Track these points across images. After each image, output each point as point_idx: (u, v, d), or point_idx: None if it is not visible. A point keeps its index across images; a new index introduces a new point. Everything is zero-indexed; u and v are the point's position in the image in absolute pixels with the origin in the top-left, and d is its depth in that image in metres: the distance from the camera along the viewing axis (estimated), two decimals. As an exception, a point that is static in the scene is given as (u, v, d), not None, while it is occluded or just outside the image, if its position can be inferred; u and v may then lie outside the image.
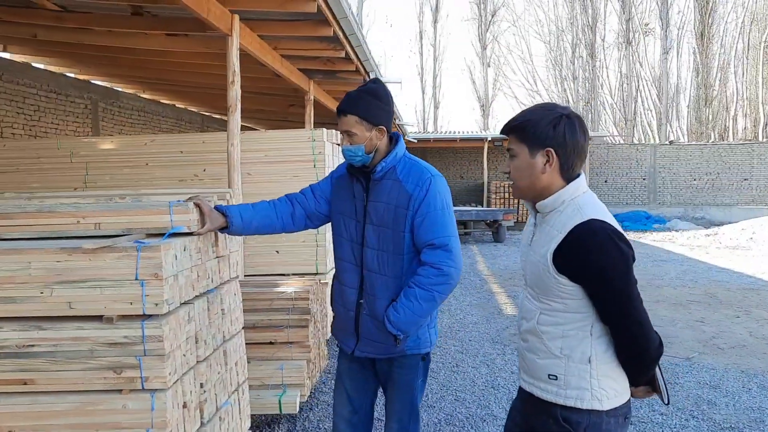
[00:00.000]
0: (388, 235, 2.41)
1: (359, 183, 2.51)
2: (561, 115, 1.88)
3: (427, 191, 2.38)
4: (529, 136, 1.89)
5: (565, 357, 1.87)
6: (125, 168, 5.63)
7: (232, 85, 4.80)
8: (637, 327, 1.79)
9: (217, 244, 2.68)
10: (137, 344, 2.09)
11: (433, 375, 5.29)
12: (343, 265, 2.55)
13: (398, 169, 2.45)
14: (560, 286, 1.84)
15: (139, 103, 12.10)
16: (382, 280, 2.42)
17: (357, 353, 2.52)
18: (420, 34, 38.59)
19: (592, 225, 1.79)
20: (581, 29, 34.48)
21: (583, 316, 1.85)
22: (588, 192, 1.92)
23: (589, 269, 1.78)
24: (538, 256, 1.89)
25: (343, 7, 5.01)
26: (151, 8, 5.42)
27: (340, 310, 2.57)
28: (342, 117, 2.44)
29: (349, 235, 2.51)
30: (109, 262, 2.10)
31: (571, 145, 1.87)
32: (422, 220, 2.37)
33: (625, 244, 1.79)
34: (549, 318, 1.89)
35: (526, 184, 1.94)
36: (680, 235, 18.24)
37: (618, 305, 1.78)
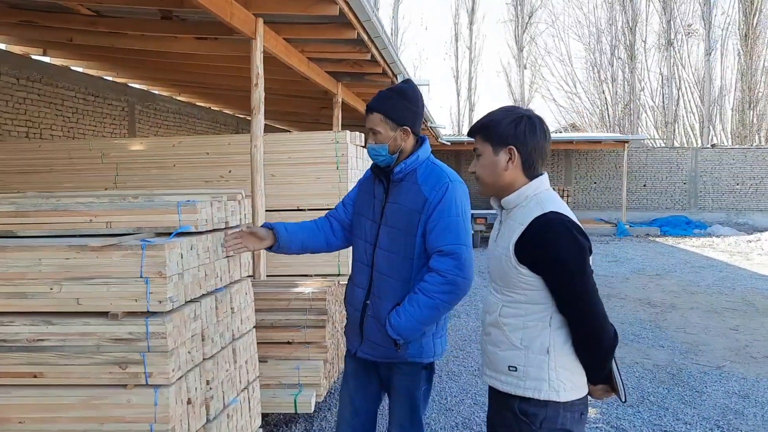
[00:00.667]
0: (400, 237, 2.39)
1: (381, 184, 2.52)
2: (522, 116, 1.98)
3: (443, 196, 2.36)
4: (492, 135, 1.99)
5: (525, 348, 1.91)
6: (153, 169, 5.75)
7: (256, 88, 4.87)
8: (591, 317, 1.84)
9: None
10: (141, 340, 2.14)
11: (454, 378, 5.27)
12: (357, 265, 2.56)
13: (419, 172, 2.44)
14: (521, 277, 1.89)
15: (175, 105, 12.35)
16: (390, 283, 2.41)
17: (360, 354, 2.51)
18: (455, 36, 38.41)
19: (549, 217, 1.87)
20: (621, 30, 33.87)
21: (543, 307, 1.90)
22: (550, 190, 2.00)
23: (547, 258, 1.84)
24: (501, 249, 1.96)
25: (366, 10, 5.03)
26: (180, 13, 5.53)
27: (349, 309, 2.58)
28: (369, 114, 2.47)
29: (364, 235, 2.52)
30: (116, 260, 2.15)
31: (531, 143, 1.96)
32: (434, 226, 2.33)
33: (581, 236, 1.86)
34: (510, 310, 1.95)
35: (490, 181, 2.02)
36: (721, 240, 17.75)
37: (572, 294, 1.84)
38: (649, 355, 6.07)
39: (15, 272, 2.18)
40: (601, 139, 21.00)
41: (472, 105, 38.53)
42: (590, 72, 35.35)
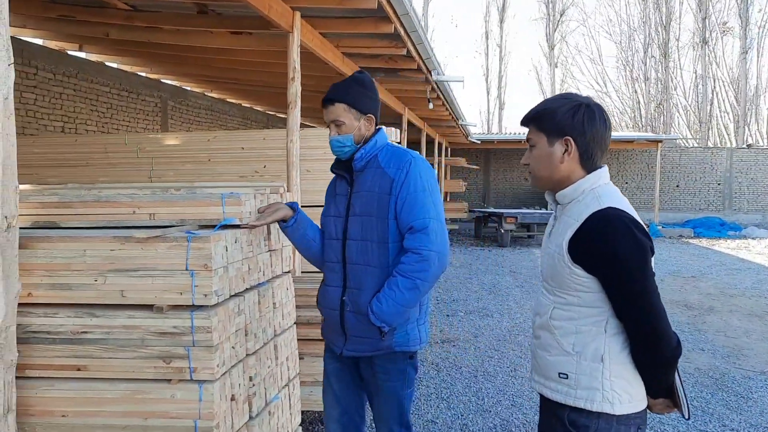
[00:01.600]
0: (373, 223, 2.32)
1: (343, 179, 2.45)
2: (580, 104, 1.83)
3: (407, 173, 2.30)
4: (547, 125, 1.85)
5: (577, 354, 1.78)
6: (188, 164, 5.74)
7: (293, 82, 4.82)
8: (653, 322, 1.69)
9: (269, 238, 2.67)
10: (186, 335, 2.09)
11: (490, 378, 5.17)
12: (328, 266, 2.46)
13: (380, 156, 2.38)
14: (575, 278, 1.76)
15: (206, 101, 12.41)
16: (368, 272, 2.32)
17: (346, 353, 2.39)
18: (486, 34, 38.14)
19: (608, 213, 1.73)
20: (654, 28, 33.28)
21: (598, 311, 1.77)
22: (610, 184, 1.86)
23: (604, 259, 1.70)
24: (554, 247, 1.84)
25: (404, 4, 4.95)
26: (216, 6, 5.51)
27: (325, 311, 2.47)
28: (329, 106, 2.38)
29: (330, 234, 2.44)
30: (160, 252, 2.10)
31: (590, 133, 1.81)
32: (403, 203, 2.27)
33: (643, 234, 1.71)
34: (563, 312, 1.82)
35: (545, 174, 1.89)
36: (757, 243, 17.31)
37: (632, 298, 1.70)
38: (689, 358, 5.89)
39: (59, 263, 2.15)
40: (634, 138, 20.61)
41: (502, 104, 38.24)
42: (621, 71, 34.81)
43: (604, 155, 1.87)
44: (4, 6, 1.93)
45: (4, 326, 1.93)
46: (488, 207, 20.65)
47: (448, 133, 17.05)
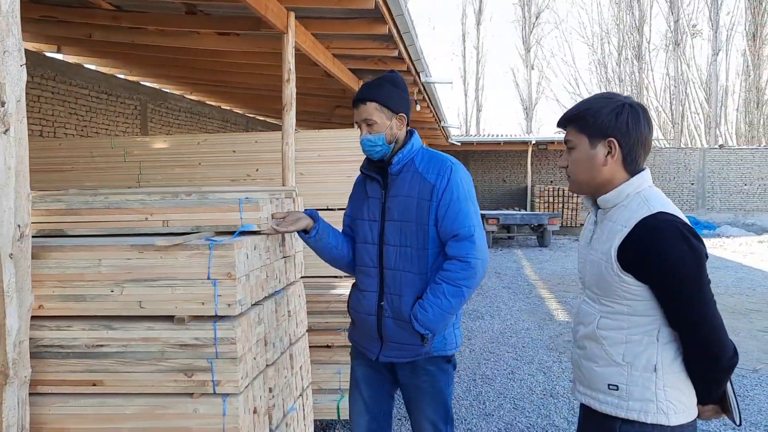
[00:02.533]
0: (412, 229, 2.28)
1: (374, 181, 2.39)
2: (623, 104, 1.77)
3: (448, 180, 2.27)
4: (589, 125, 1.78)
5: (628, 365, 1.72)
6: (177, 167, 5.60)
7: (288, 84, 4.73)
8: (710, 331, 1.63)
9: (284, 244, 2.59)
10: (209, 346, 2.00)
11: (488, 382, 5.13)
12: (362, 270, 2.41)
13: (417, 160, 2.34)
14: (624, 286, 1.70)
15: (186, 104, 12.22)
16: (408, 278, 2.29)
17: (382, 358, 2.36)
18: (463, 36, 38.33)
19: (660, 218, 1.66)
20: (628, 31, 33.76)
21: (650, 320, 1.70)
22: (653, 187, 1.79)
23: (657, 266, 1.64)
24: (599, 254, 1.76)
25: (399, 4, 4.90)
26: (205, 7, 5.39)
27: (359, 316, 2.42)
28: (360, 105, 2.33)
29: (365, 237, 2.39)
30: (181, 261, 2.02)
31: (635, 135, 1.75)
32: (446, 211, 2.25)
33: (697, 240, 1.64)
34: (610, 322, 1.75)
35: (585, 178, 1.82)
36: (731, 241, 17.62)
37: (689, 307, 1.63)
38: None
39: (73, 273, 2.05)
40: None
41: (480, 105, 38.41)
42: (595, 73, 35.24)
43: (646, 157, 1.81)
44: (16, 4, 1.82)
45: (18, 341, 1.82)
46: (468, 208, 20.66)
47: (429, 135, 17.04)
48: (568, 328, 7.13)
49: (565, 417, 4.37)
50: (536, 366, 5.60)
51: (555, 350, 6.16)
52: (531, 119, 36.84)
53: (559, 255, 14.72)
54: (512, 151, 22.56)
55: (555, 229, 16.63)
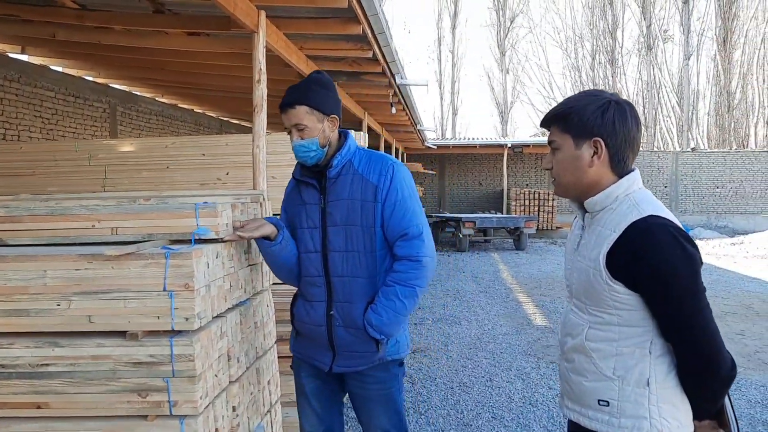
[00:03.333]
0: (358, 233, 2.20)
1: (310, 186, 2.28)
2: (609, 101, 1.66)
3: (392, 179, 2.21)
4: (573, 125, 1.67)
5: (619, 379, 1.61)
6: (144, 171, 5.41)
7: (258, 84, 4.58)
8: (707, 343, 1.53)
9: (250, 251, 2.44)
10: (165, 364, 1.85)
11: (466, 390, 5.02)
12: (308, 281, 2.29)
13: (355, 161, 2.26)
14: (614, 295, 1.59)
15: (157, 107, 11.96)
16: (357, 284, 2.20)
17: (336, 369, 2.26)
18: (438, 40, 38.37)
19: (651, 222, 1.56)
20: (601, 35, 34.11)
21: (642, 331, 1.59)
22: (644, 189, 1.68)
23: (649, 273, 1.53)
24: (587, 261, 1.65)
25: (374, 3, 4.78)
26: (173, 6, 5.22)
27: (306, 328, 2.30)
28: (289, 110, 2.20)
29: (306, 246, 2.27)
30: (134, 271, 1.86)
31: (622, 134, 1.64)
32: (392, 211, 2.19)
33: (690, 245, 1.55)
34: (600, 333, 1.64)
35: (570, 180, 1.71)
36: (705, 243, 17.80)
37: (683, 317, 1.52)
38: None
39: (15, 286, 1.88)
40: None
41: (456, 109, 38.49)
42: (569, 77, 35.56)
43: (635, 157, 1.70)
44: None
45: (-49, 362, 1.65)
46: (444, 212, 20.67)
47: (405, 139, 16.96)
48: (546, 332, 7.06)
49: (545, 426, 4.27)
50: (514, 372, 5.50)
51: (533, 356, 6.07)
52: (507, 123, 37.02)
53: (535, 258, 14.71)
54: (488, 154, 22.57)
55: (531, 232, 16.65)
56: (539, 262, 13.80)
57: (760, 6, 31.74)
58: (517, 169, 22.87)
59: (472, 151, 22.08)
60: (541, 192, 19.80)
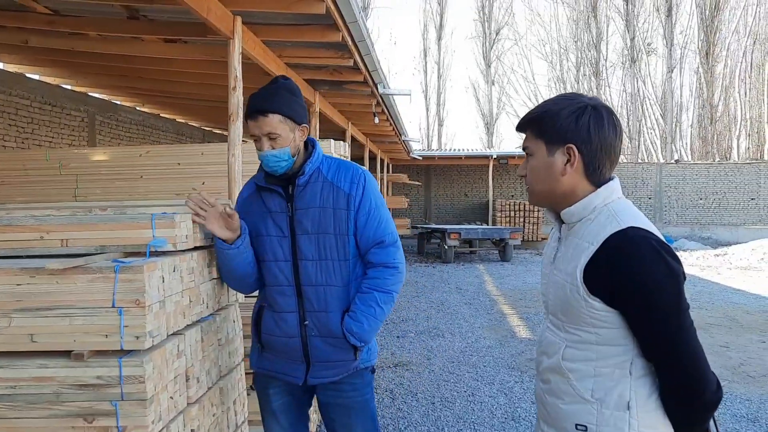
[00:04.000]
0: (331, 241, 2.16)
1: (274, 193, 2.20)
2: (585, 105, 1.55)
3: (364, 188, 2.21)
4: (546, 130, 1.57)
5: (598, 401, 1.49)
6: (118, 181, 5.28)
7: (234, 92, 4.46)
8: (691, 363, 1.42)
9: (213, 264, 2.31)
10: (113, 386, 1.71)
11: (447, 405, 4.89)
12: (275, 290, 2.20)
13: (323, 169, 2.22)
14: (592, 311, 1.48)
15: (138, 116, 11.79)
16: (333, 292, 2.16)
17: (310, 381, 2.19)
18: (424, 51, 38.45)
19: (631, 234, 1.45)
20: (585, 48, 34.39)
21: (621, 350, 1.48)
22: (623, 199, 1.57)
23: (629, 290, 1.42)
24: (563, 275, 1.54)
25: (353, 10, 4.68)
26: (148, 11, 5.10)
27: (277, 340, 2.19)
28: (261, 118, 2.10)
29: (275, 254, 2.19)
30: (81, 286, 1.73)
31: (597, 140, 1.53)
32: (366, 219, 2.19)
33: (673, 259, 1.44)
34: (577, 352, 1.53)
35: (543, 189, 1.61)
36: (689, 255, 17.84)
37: (666, 336, 1.41)
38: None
39: (-49, 302, 1.74)
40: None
41: (441, 120, 38.54)
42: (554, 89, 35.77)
43: (613, 166, 1.58)
44: None
45: None
46: (430, 223, 20.59)
47: (390, 149, 16.88)
48: (530, 345, 6.95)
49: (527, 442, 4.15)
50: (497, 387, 5.38)
51: (517, 369, 5.95)
52: (492, 134, 37.12)
53: (520, 269, 14.64)
54: (474, 165, 22.56)
55: (516, 243, 16.59)
56: (524, 274, 13.73)
57: (741, 20, 32.20)
58: (502, 180, 22.88)
59: (458, 163, 22.07)
60: (527, 203, 19.78)
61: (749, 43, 31.87)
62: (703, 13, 31.58)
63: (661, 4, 32.23)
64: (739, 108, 31.87)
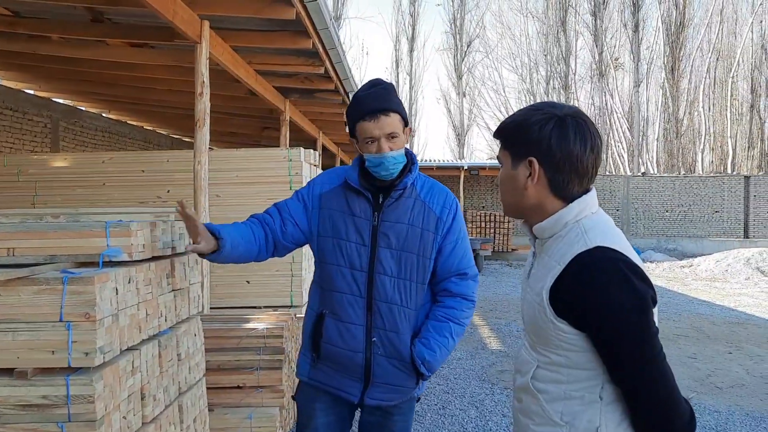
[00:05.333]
0: (413, 261, 2.08)
1: (362, 197, 2.09)
2: (551, 116, 1.46)
3: (454, 216, 2.16)
4: (512, 141, 1.51)
5: (567, 425, 1.42)
6: (79, 188, 5.11)
7: (201, 98, 4.35)
8: (659, 392, 1.33)
9: (173, 274, 2.20)
10: (60, 406, 1.60)
11: (417, 419, 4.80)
12: (341, 297, 2.08)
13: (418, 186, 2.13)
14: (560, 334, 1.40)
15: (104, 123, 11.53)
16: (405, 313, 2.08)
17: (368, 401, 2.09)
18: (396, 62, 38.56)
19: (597, 254, 1.37)
20: (555, 62, 34.88)
21: (591, 374, 1.40)
22: (600, 213, 1.49)
23: (593, 313, 1.35)
24: (533, 294, 1.47)
25: (323, 17, 4.62)
26: (112, 14, 4.96)
27: (340, 353, 2.08)
28: (383, 117, 2.00)
29: (349, 261, 2.07)
30: (26, 298, 1.61)
31: (559, 154, 1.44)
32: (453, 248, 2.14)
33: (641, 281, 1.35)
34: (548, 374, 1.46)
35: (511, 201, 1.55)
36: (656, 266, 18.10)
37: (633, 362, 1.33)
38: (616, 387, 5.78)
39: None
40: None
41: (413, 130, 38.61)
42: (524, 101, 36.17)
43: (584, 181, 1.48)
44: None
45: None
46: (401, 234, 20.52)
47: (361, 159, 16.81)
48: (501, 356, 6.92)
49: (498, 457, 4.08)
50: (468, 399, 5.32)
51: (487, 381, 5.90)
52: (463, 145, 37.34)
53: (491, 280, 14.65)
54: (445, 176, 22.59)
55: (487, 254, 16.63)
56: (495, 285, 13.74)
57: (705, 37, 33.04)
58: (473, 191, 22.99)
59: (430, 173, 22.00)
60: (498, 214, 19.88)
61: (713, 60, 32.71)
62: (669, 30, 32.32)
63: (628, 20, 32.90)
64: (704, 122, 32.61)
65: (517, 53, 38.59)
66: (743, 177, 23.25)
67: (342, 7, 34.18)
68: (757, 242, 21.24)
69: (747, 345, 7.77)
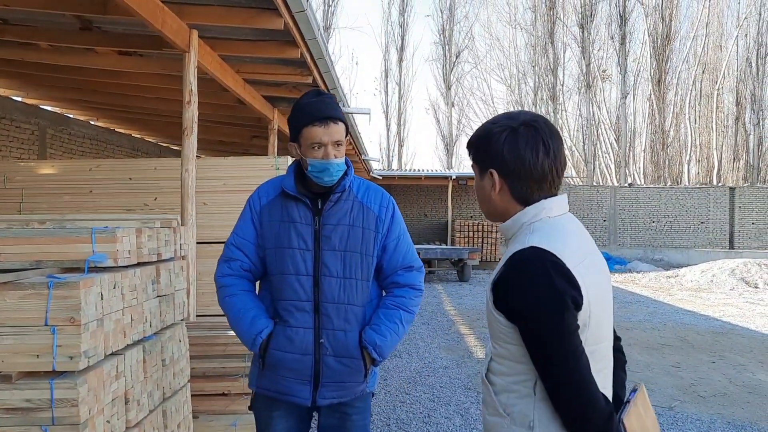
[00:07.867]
0: (357, 260, 2.15)
1: (301, 203, 2.14)
2: (506, 128, 1.53)
3: (393, 213, 2.25)
4: (475, 154, 1.62)
5: (508, 417, 1.48)
6: (66, 195, 5.11)
7: (189, 106, 4.38)
8: (572, 388, 1.39)
9: (159, 281, 2.22)
10: (44, 410, 1.62)
11: (403, 427, 4.82)
12: (291, 304, 2.12)
13: (354, 188, 2.22)
14: (500, 327, 1.49)
15: (92, 131, 11.51)
16: (353, 311, 2.14)
17: (320, 402, 2.13)
18: (386, 72, 38.72)
19: (527, 253, 1.44)
20: (543, 73, 35.17)
21: (526, 368, 1.46)
22: (565, 215, 1.55)
23: (516, 309, 1.44)
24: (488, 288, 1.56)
25: (311, 27, 4.66)
26: (101, 23, 4.98)
27: (289, 357, 2.10)
28: (332, 125, 2.07)
29: (296, 268, 2.11)
30: (11, 303, 1.63)
31: (513, 163, 1.51)
32: (396, 245, 2.23)
33: (564, 279, 1.40)
34: (497, 366, 1.54)
35: (485, 209, 1.66)
36: (642, 276, 18.24)
37: (547, 359, 1.40)
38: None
39: None
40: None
41: (402, 140, 38.77)
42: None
43: (545, 185, 1.54)
44: None
45: None
46: (390, 243, 20.54)
47: (350, 169, 16.85)
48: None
49: (483, 464, 4.11)
50: (453, 408, 5.35)
51: (473, 390, 5.93)
52: (452, 155, 37.50)
53: (479, 289, 14.71)
54: (433, 186, 22.72)
55: (475, 263, 16.70)
56: (482, 294, 13.79)
57: (691, 50, 33.49)
58: (462, 201, 23.08)
59: (418, 183, 22.18)
60: (485, 224, 19.96)
61: (699, 72, 33.13)
62: (655, 43, 32.72)
63: (615, 33, 33.26)
64: (690, 134, 32.98)
65: (505, 64, 38.90)
66: (728, 188, 23.51)
67: (332, 17, 34.34)
68: (742, 253, 21.45)
69: (730, 354, 7.86)
